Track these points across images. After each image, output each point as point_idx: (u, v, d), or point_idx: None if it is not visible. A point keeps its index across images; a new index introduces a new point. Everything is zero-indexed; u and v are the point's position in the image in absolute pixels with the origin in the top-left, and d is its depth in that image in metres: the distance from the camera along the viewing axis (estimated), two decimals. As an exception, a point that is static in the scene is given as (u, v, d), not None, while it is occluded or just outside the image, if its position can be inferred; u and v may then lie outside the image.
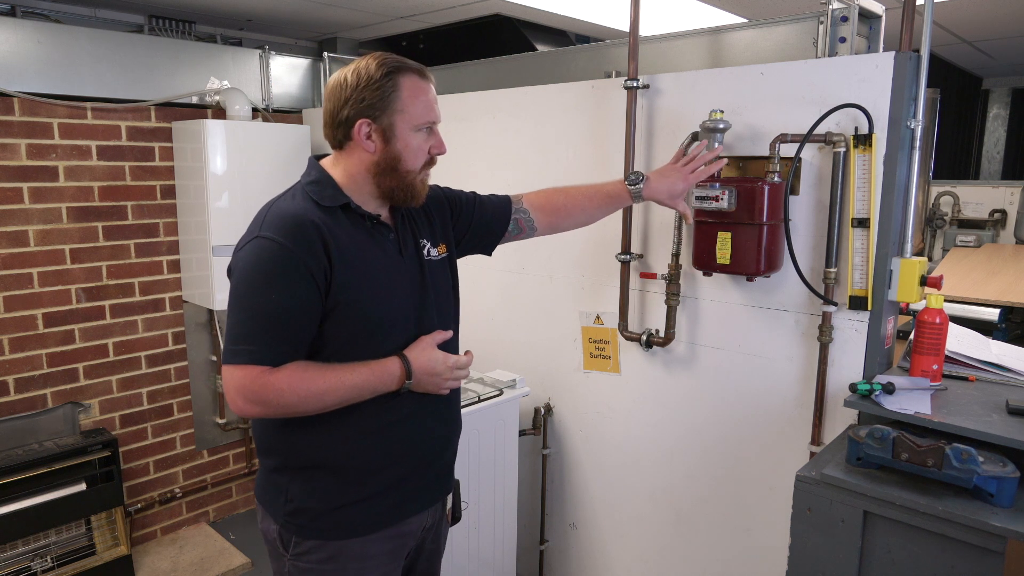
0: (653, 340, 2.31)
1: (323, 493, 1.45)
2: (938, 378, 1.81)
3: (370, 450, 1.47)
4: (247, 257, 1.36)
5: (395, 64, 1.42)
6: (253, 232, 1.39)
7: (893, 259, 1.85)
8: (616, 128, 2.34)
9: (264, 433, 1.49)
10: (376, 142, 1.42)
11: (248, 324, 1.34)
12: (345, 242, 1.40)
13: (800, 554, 1.62)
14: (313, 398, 1.35)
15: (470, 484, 2.38)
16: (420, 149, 1.46)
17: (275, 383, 1.32)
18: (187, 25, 3.32)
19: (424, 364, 1.45)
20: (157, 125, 3.15)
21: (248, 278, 1.35)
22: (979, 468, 1.40)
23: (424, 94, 1.44)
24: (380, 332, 1.44)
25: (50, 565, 2.85)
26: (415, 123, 1.43)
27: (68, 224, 2.94)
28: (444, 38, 3.68)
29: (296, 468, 1.46)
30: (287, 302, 1.34)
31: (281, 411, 1.36)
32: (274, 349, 1.34)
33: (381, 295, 1.44)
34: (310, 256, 1.35)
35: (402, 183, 1.45)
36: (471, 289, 2.91)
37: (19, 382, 2.89)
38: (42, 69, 2.79)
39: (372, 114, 1.41)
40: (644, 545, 2.50)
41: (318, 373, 1.36)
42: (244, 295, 1.36)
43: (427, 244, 1.60)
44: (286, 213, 1.39)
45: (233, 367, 1.33)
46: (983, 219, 4.55)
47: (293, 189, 1.48)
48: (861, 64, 1.84)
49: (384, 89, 1.40)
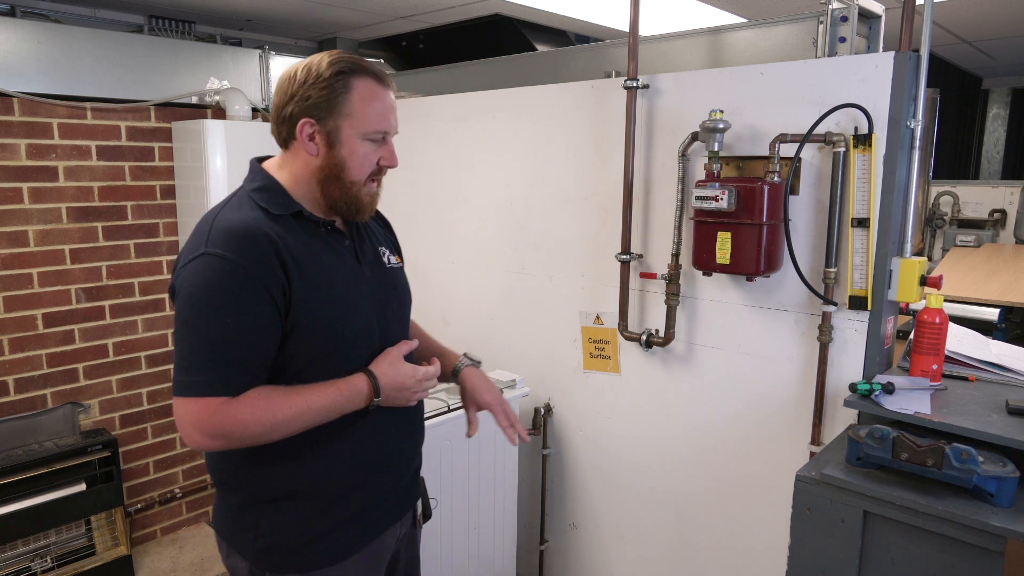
0: (653, 340, 2.31)
1: (298, 524, 1.36)
2: (938, 378, 1.81)
3: (344, 471, 1.39)
4: (194, 276, 1.23)
5: (349, 64, 1.31)
6: (197, 248, 1.25)
7: (893, 259, 1.85)
8: (616, 128, 2.34)
9: (225, 466, 1.37)
10: (319, 145, 1.32)
11: (201, 351, 1.22)
12: (301, 254, 1.29)
13: (800, 554, 1.62)
14: (279, 426, 1.25)
15: (469, 484, 2.38)
16: (367, 159, 1.34)
17: (237, 414, 1.22)
18: (187, 25, 3.32)
19: (392, 379, 1.37)
20: (157, 125, 3.14)
21: (197, 300, 1.23)
22: (979, 468, 1.40)
23: (379, 100, 1.33)
24: (345, 347, 1.35)
25: (50, 565, 2.85)
26: (364, 130, 1.32)
27: (68, 224, 2.94)
28: (444, 38, 3.68)
29: (267, 501, 1.35)
30: (243, 325, 1.22)
31: (244, 443, 1.25)
32: (232, 378, 1.23)
33: (344, 309, 1.35)
34: (266, 272, 1.23)
35: (346, 194, 1.35)
36: (471, 289, 2.92)
37: (19, 382, 2.89)
38: (42, 69, 2.79)
39: (316, 114, 1.30)
40: (644, 545, 2.50)
41: (283, 399, 1.26)
42: (194, 319, 1.23)
43: (386, 252, 1.53)
44: (235, 225, 1.26)
45: (187, 400, 1.22)
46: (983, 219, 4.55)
47: (237, 197, 1.36)
48: (861, 64, 1.84)
49: (333, 89, 1.29)
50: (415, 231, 3.08)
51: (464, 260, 2.93)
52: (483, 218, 2.83)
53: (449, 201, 2.95)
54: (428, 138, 2.99)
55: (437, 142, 2.96)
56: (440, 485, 2.26)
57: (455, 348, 1.72)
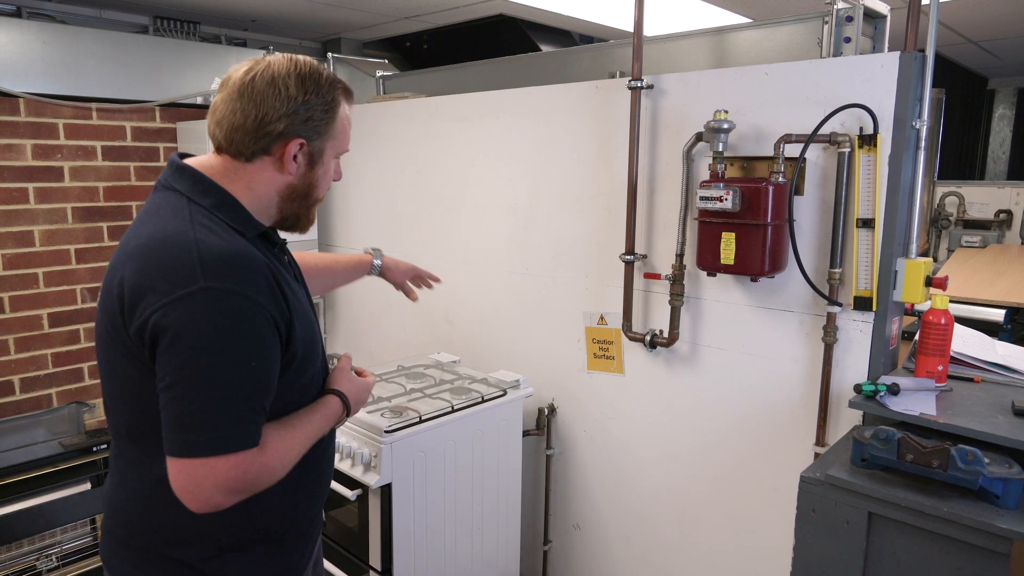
0: (657, 340, 2.31)
1: (267, 563, 1.27)
2: (943, 379, 1.80)
3: (309, 501, 1.34)
4: (199, 315, 1.06)
5: (336, 80, 1.25)
6: (189, 280, 1.06)
7: (898, 260, 1.85)
8: (620, 128, 2.34)
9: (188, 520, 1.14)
10: (301, 165, 1.22)
11: (225, 402, 1.07)
12: (281, 278, 1.20)
13: (804, 555, 1.62)
14: (288, 467, 1.18)
15: (473, 484, 2.38)
16: (329, 176, 1.30)
17: (268, 463, 1.12)
18: (192, 26, 3.33)
19: (357, 395, 1.35)
20: (162, 126, 3.15)
21: (211, 343, 1.06)
22: (985, 469, 1.40)
23: (349, 118, 1.29)
24: (311, 366, 1.28)
25: (55, 564, 2.86)
26: (341, 150, 1.28)
27: (73, 224, 2.95)
28: (448, 38, 3.68)
29: (233, 549, 1.22)
30: (263, 365, 1.11)
31: (257, 492, 1.15)
32: (256, 424, 1.11)
33: (310, 329, 1.28)
34: (272, 304, 1.13)
35: (307, 210, 1.28)
36: (475, 290, 2.92)
37: (24, 382, 2.90)
38: (47, 70, 2.81)
39: (309, 135, 1.20)
40: (648, 546, 2.50)
41: (291, 436, 1.19)
42: (209, 366, 1.06)
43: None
44: (229, 252, 1.11)
45: (211, 459, 1.05)
46: (988, 219, 4.54)
47: (191, 212, 1.15)
48: (866, 64, 1.83)
49: (331, 110, 1.22)
50: (419, 231, 3.08)
51: (468, 260, 2.93)
52: (487, 218, 2.83)
53: (453, 201, 2.95)
54: (432, 138, 2.99)
55: (441, 142, 2.96)
56: (443, 485, 2.26)
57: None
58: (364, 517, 2.13)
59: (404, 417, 2.16)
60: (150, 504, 1.20)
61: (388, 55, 4.05)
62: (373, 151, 3.27)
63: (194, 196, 1.18)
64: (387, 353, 3.24)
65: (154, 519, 1.20)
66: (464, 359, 2.84)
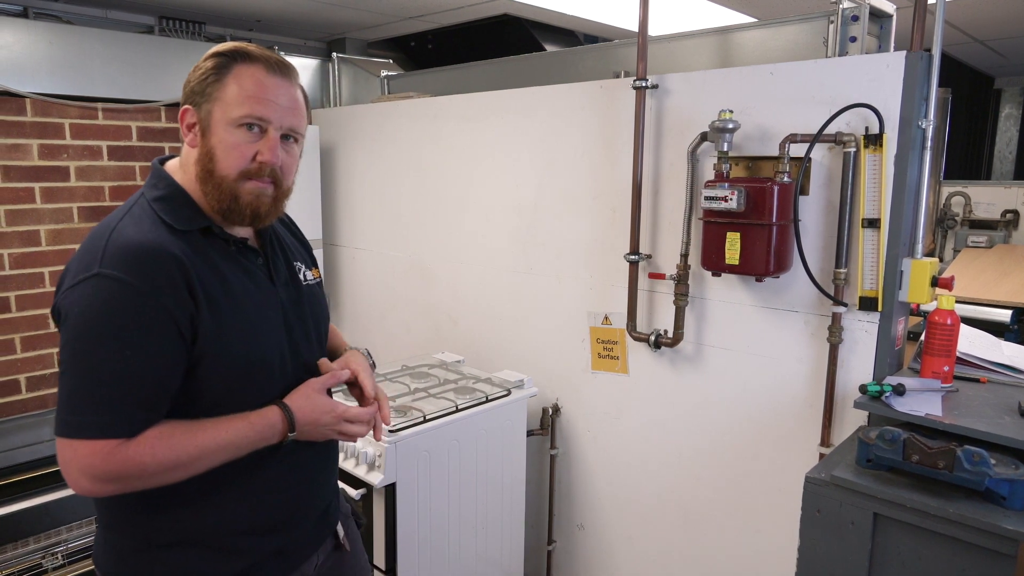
0: (661, 340, 2.31)
1: (196, 572, 1.22)
2: (949, 380, 1.79)
3: (252, 512, 1.26)
4: (85, 300, 1.08)
5: (232, 50, 1.20)
6: (90, 267, 1.09)
7: (904, 260, 1.84)
8: (625, 128, 2.34)
9: (118, 507, 1.20)
10: (196, 135, 1.20)
11: (93, 388, 1.07)
12: (209, 276, 1.17)
13: (809, 556, 1.61)
14: (182, 467, 1.12)
15: (477, 484, 2.38)
16: (236, 149, 1.18)
17: (135, 457, 1.08)
18: (197, 26, 3.34)
19: (308, 413, 1.24)
20: (167, 125, 3.16)
21: (89, 329, 1.08)
22: (991, 470, 1.39)
23: (259, 85, 1.18)
24: (259, 374, 1.23)
25: (61, 563, 2.87)
26: (233, 115, 1.17)
27: (79, 224, 2.96)
28: (452, 38, 3.68)
29: (163, 546, 1.21)
30: (143, 358, 1.09)
31: (141, 485, 1.12)
32: (129, 417, 1.09)
33: (256, 335, 1.23)
34: (170, 298, 1.10)
35: (218, 191, 1.19)
36: (479, 289, 2.92)
37: (31, 380, 2.91)
38: (54, 70, 2.82)
39: (193, 100, 1.20)
40: (652, 546, 2.50)
41: (186, 436, 1.13)
42: (85, 351, 1.08)
43: (302, 267, 1.40)
44: (134, 243, 1.11)
45: (75, 442, 1.07)
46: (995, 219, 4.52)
47: (138, 206, 1.20)
48: (872, 64, 1.83)
49: (207, 73, 1.19)
50: (423, 231, 3.08)
51: (472, 260, 2.93)
52: (491, 218, 2.83)
53: (457, 201, 2.95)
54: (436, 138, 2.99)
55: (446, 142, 2.96)
56: (447, 485, 2.27)
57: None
58: (368, 517, 2.14)
59: (408, 417, 2.17)
60: None
61: (393, 55, 4.05)
62: (378, 151, 3.28)
63: (147, 191, 1.23)
64: (391, 353, 3.25)
65: (105, 504, 1.23)
66: (468, 359, 2.84)
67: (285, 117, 1.21)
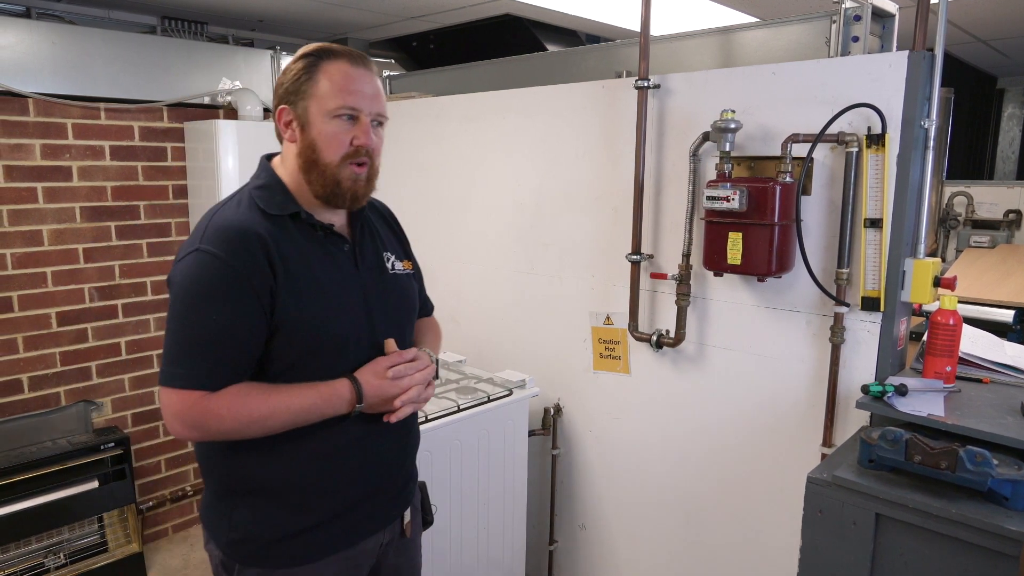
0: (663, 341, 2.30)
1: (268, 521, 1.37)
2: (951, 380, 1.79)
3: (319, 475, 1.39)
4: (185, 271, 1.27)
5: (317, 50, 1.36)
6: (193, 244, 1.29)
7: (906, 260, 1.84)
8: (627, 128, 2.33)
9: (206, 455, 1.41)
10: (295, 131, 1.36)
11: (186, 345, 1.26)
12: (292, 255, 1.32)
13: (811, 557, 1.61)
14: (255, 424, 1.28)
15: (479, 484, 2.38)
16: (336, 137, 1.33)
17: (214, 409, 1.25)
18: (199, 26, 3.34)
19: (376, 388, 1.37)
20: (169, 125, 3.17)
21: (186, 295, 1.27)
22: (993, 471, 1.39)
23: (348, 79, 1.33)
24: (331, 350, 1.36)
25: (63, 562, 2.88)
26: (329, 107, 1.32)
27: (81, 224, 2.96)
28: (454, 38, 3.68)
29: (240, 493, 1.38)
30: (228, 322, 1.25)
31: (221, 436, 1.29)
32: (213, 372, 1.26)
33: (331, 312, 1.36)
34: (254, 272, 1.26)
35: (323, 177, 1.34)
36: (480, 289, 2.92)
37: (33, 380, 2.91)
38: (56, 70, 2.82)
39: (289, 100, 1.35)
40: (654, 546, 2.50)
41: (261, 397, 1.28)
42: (182, 313, 1.27)
43: (392, 257, 1.52)
44: (228, 224, 1.29)
45: (169, 391, 1.26)
46: (997, 219, 4.50)
47: (239, 194, 1.39)
48: (874, 63, 1.83)
49: (299, 73, 1.34)
50: (425, 231, 3.08)
51: (474, 260, 2.93)
52: (493, 218, 2.83)
53: (459, 201, 2.95)
54: (438, 138, 2.99)
55: (447, 142, 2.96)
56: (449, 485, 2.26)
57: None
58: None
59: (410, 416, 2.17)
60: None
61: (395, 55, 4.05)
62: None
63: (251, 181, 1.41)
64: (393, 352, 3.24)
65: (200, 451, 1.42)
66: (470, 359, 2.84)
67: (372, 104, 1.37)
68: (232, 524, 1.38)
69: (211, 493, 1.44)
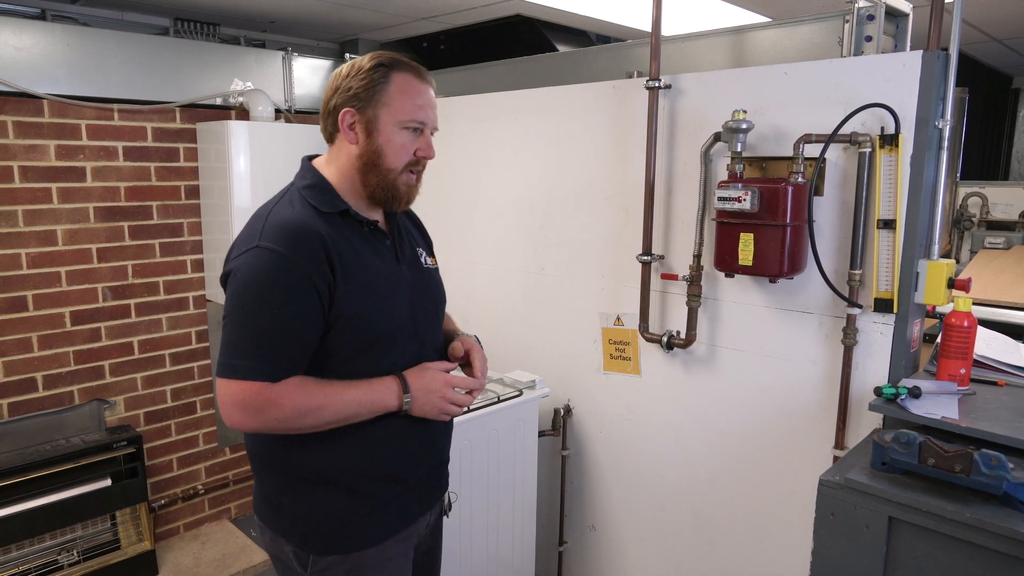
0: (674, 342, 2.30)
1: (336, 509, 1.42)
2: (966, 382, 1.78)
3: (381, 459, 1.44)
4: (247, 267, 1.31)
5: (389, 60, 1.41)
6: (251, 240, 1.33)
7: (920, 261, 1.82)
8: (638, 128, 2.33)
9: (266, 450, 1.45)
10: (358, 134, 1.40)
11: (248, 338, 1.30)
12: (347, 252, 1.37)
13: (823, 560, 1.60)
14: (310, 414, 1.32)
15: (489, 484, 2.38)
16: (403, 147, 1.41)
17: (274, 399, 1.29)
18: (211, 27, 3.36)
19: (422, 386, 1.42)
20: (182, 126, 3.19)
21: (248, 290, 1.31)
22: (1009, 475, 1.38)
23: (416, 92, 1.41)
24: (383, 343, 1.41)
25: (76, 559, 2.90)
26: (400, 119, 1.39)
27: (95, 224, 2.98)
28: (465, 39, 3.68)
29: (307, 484, 1.42)
30: (289, 316, 1.30)
31: (277, 425, 1.32)
32: (275, 364, 1.30)
33: (383, 306, 1.41)
34: (314, 268, 1.31)
35: (383, 181, 1.41)
36: (491, 289, 2.92)
37: (47, 379, 2.94)
38: (71, 71, 2.84)
39: (356, 104, 1.39)
40: (663, 547, 2.49)
41: (317, 388, 1.33)
42: (243, 307, 1.31)
43: (423, 252, 1.60)
44: (287, 221, 1.34)
45: (231, 381, 1.29)
46: (1013, 220, 4.46)
47: (289, 194, 1.43)
48: (888, 63, 1.81)
49: (372, 80, 1.38)
50: (435, 231, 3.05)
51: (484, 260, 2.93)
52: (503, 218, 2.83)
53: (470, 201, 2.96)
54: (449, 139, 2.99)
55: (458, 143, 2.96)
56: (460, 484, 2.26)
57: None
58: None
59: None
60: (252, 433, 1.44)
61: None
62: (390, 151, 3.28)
63: (297, 181, 1.45)
64: (403, 353, 3.25)
65: (259, 443, 1.45)
66: (480, 359, 2.84)
67: (435, 119, 1.46)
68: (299, 516, 1.42)
69: (270, 487, 1.46)
